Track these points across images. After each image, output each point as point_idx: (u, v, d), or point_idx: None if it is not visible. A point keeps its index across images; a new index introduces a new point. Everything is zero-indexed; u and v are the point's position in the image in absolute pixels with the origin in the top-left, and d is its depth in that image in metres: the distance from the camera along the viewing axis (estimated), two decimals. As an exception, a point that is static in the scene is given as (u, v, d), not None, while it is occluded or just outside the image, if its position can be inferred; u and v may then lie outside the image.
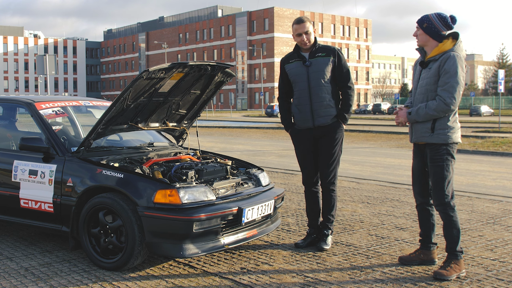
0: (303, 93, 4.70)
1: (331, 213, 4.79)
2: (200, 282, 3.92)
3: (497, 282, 3.91)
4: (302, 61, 4.72)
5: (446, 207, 4.03)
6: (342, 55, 4.75)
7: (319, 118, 4.68)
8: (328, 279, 3.97)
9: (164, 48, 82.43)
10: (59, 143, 4.58)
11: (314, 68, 4.67)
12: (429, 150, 4.09)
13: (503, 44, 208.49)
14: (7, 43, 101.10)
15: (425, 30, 4.06)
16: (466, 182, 9.16)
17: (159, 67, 4.28)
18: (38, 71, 18.80)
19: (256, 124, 35.71)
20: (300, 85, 4.72)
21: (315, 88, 4.66)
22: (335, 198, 4.80)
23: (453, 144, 4.07)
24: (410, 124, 4.20)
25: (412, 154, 4.36)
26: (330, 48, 4.75)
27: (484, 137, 19.93)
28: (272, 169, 10.62)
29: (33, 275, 4.05)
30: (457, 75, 3.93)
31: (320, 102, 4.66)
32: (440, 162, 4.03)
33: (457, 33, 4.07)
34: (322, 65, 4.66)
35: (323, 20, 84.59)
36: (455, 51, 3.99)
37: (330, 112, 4.69)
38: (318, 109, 4.67)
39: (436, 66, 4.00)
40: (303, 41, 4.70)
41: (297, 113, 4.77)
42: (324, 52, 4.70)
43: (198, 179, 4.36)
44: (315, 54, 4.70)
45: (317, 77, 4.66)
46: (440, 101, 3.94)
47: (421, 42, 4.12)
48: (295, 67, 4.75)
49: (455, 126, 4.08)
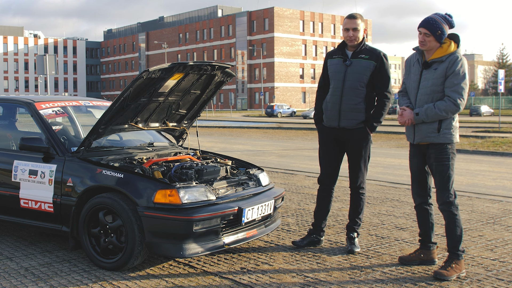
0: (336, 91, 4.61)
1: (358, 216, 4.76)
2: (200, 282, 3.92)
3: (497, 282, 3.91)
4: (343, 59, 4.62)
5: (450, 206, 4.04)
6: (386, 61, 4.60)
7: (345, 120, 4.59)
8: (328, 279, 3.97)
9: (164, 48, 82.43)
10: (59, 143, 4.58)
11: (353, 69, 4.56)
12: (433, 150, 4.08)
13: (503, 44, 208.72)
14: (7, 43, 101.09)
15: (438, 38, 4.02)
16: (466, 182, 9.16)
17: (159, 67, 4.28)
18: (38, 71, 18.80)
19: (256, 124, 35.71)
20: (335, 83, 4.62)
21: (348, 89, 4.55)
22: (363, 202, 4.76)
23: (455, 144, 4.13)
24: (412, 125, 4.18)
25: (409, 154, 4.35)
26: (375, 51, 4.59)
27: (484, 137, 19.93)
28: (272, 169, 10.62)
29: (33, 275, 4.05)
30: (465, 77, 3.99)
31: (350, 104, 4.56)
32: (446, 161, 4.06)
33: (458, 35, 4.08)
34: (362, 68, 4.54)
35: (323, 20, 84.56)
36: (459, 53, 4.04)
37: (357, 116, 4.58)
38: (346, 111, 4.57)
39: (443, 68, 4.00)
40: (349, 36, 4.56)
41: (326, 110, 4.70)
42: (368, 54, 4.56)
43: (198, 179, 4.36)
44: (358, 54, 4.58)
45: (353, 79, 4.55)
46: (450, 102, 3.97)
47: (429, 48, 4.06)
48: (336, 64, 4.65)
49: (457, 126, 4.14)
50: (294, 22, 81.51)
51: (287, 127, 30.06)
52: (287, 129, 27.91)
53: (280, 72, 79.83)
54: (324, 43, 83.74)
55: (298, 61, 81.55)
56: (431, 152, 4.10)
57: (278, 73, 79.59)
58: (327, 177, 4.81)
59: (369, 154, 4.72)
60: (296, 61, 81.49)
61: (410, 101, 4.23)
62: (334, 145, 4.74)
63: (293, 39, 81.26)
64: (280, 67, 79.82)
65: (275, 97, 75.37)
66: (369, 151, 4.71)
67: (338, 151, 4.78)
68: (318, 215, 4.87)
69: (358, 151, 4.66)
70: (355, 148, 4.67)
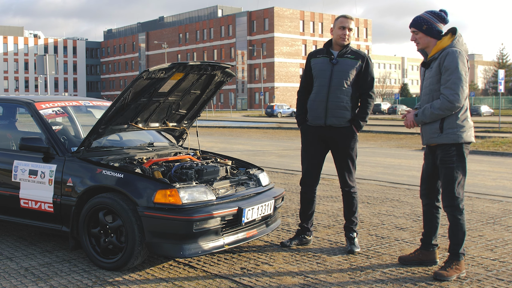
0: (322, 89, 4.63)
1: (354, 215, 4.77)
2: (200, 282, 3.92)
3: (497, 282, 3.91)
4: (329, 58, 4.65)
5: (454, 209, 3.97)
6: (370, 63, 4.68)
7: (332, 118, 4.61)
8: (328, 279, 3.97)
9: (164, 48, 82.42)
10: (59, 143, 4.58)
11: (340, 68, 4.60)
12: (439, 151, 4.01)
13: (502, 44, 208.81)
14: (7, 43, 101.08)
15: (426, 32, 3.99)
16: (466, 182, 9.14)
17: (159, 67, 4.28)
18: (38, 71, 18.80)
19: (256, 124, 35.72)
20: (321, 81, 4.64)
21: (335, 87, 4.59)
22: (356, 201, 4.78)
23: (464, 144, 3.98)
24: (421, 126, 4.13)
25: (423, 155, 4.31)
26: (360, 53, 4.69)
27: (484, 137, 19.92)
28: (272, 169, 10.62)
29: (33, 275, 4.05)
30: (458, 70, 3.83)
31: (336, 102, 4.59)
32: (450, 163, 3.95)
33: (455, 28, 3.99)
34: (348, 67, 4.60)
35: (323, 20, 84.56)
36: (454, 46, 3.91)
37: (344, 114, 4.61)
38: (332, 109, 4.60)
39: (437, 64, 3.94)
40: (344, 34, 4.62)
41: (311, 109, 4.70)
42: (354, 55, 4.64)
43: (198, 179, 4.36)
44: (344, 54, 4.64)
45: (340, 77, 4.59)
46: (443, 99, 3.87)
47: (423, 45, 4.04)
48: (321, 63, 4.68)
49: (465, 124, 3.99)
50: (294, 22, 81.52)
51: (287, 127, 30.05)
52: (287, 129, 27.90)
53: (280, 72, 79.84)
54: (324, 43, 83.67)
55: (298, 61, 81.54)
56: (438, 153, 4.03)
57: (278, 73, 79.60)
58: (310, 178, 4.80)
59: (356, 153, 4.74)
60: (296, 61, 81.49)
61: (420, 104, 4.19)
62: (318, 145, 4.75)
63: (293, 39, 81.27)
64: (280, 67, 79.82)
65: (275, 97, 75.36)
66: (356, 150, 4.74)
67: (322, 152, 4.79)
68: (304, 217, 4.88)
69: (346, 150, 4.68)
70: (342, 147, 4.68)
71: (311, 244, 4.91)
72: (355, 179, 4.82)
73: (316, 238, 5.12)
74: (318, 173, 4.82)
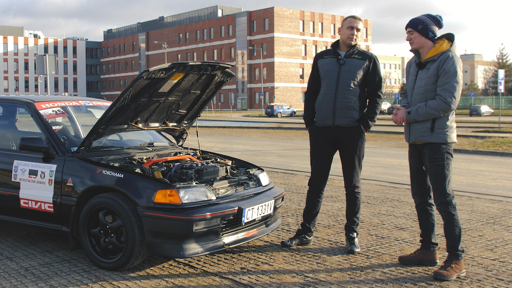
0: (330, 90, 4.63)
1: (356, 215, 4.78)
2: (200, 282, 3.92)
3: (497, 282, 3.91)
4: (336, 59, 4.66)
5: (447, 206, 4.04)
6: (378, 63, 4.70)
7: (340, 118, 4.62)
8: (328, 279, 3.97)
9: (164, 48, 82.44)
10: (59, 143, 4.58)
11: (347, 68, 4.61)
12: (428, 150, 4.10)
13: (502, 44, 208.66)
14: (7, 43, 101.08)
15: (421, 32, 4.09)
16: (466, 182, 9.16)
17: (159, 67, 4.28)
18: (38, 71, 18.80)
19: (256, 124, 35.71)
20: (329, 82, 4.65)
21: (343, 87, 4.60)
22: (359, 201, 4.79)
23: (451, 144, 4.11)
24: (407, 124, 4.21)
25: (408, 154, 4.36)
26: (367, 53, 4.70)
27: (484, 137, 19.93)
28: (272, 169, 10.62)
29: (33, 275, 4.05)
30: (456, 75, 3.98)
31: (344, 102, 4.60)
32: (440, 161, 4.05)
33: (452, 34, 4.12)
34: (356, 67, 4.61)
35: (323, 20, 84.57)
36: (452, 51, 4.04)
37: (352, 114, 4.62)
38: (340, 109, 4.61)
39: (435, 67, 4.03)
40: (352, 34, 4.64)
41: (320, 109, 4.71)
42: (361, 55, 4.65)
43: (198, 179, 4.36)
44: (351, 55, 4.65)
45: (347, 77, 4.60)
46: (440, 100, 3.97)
47: (417, 45, 4.13)
48: (328, 63, 4.69)
49: (453, 126, 4.13)
50: (294, 22, 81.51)
51: (287, 127, 30.06)
52: (287, 129, 27.91)
53: (280, 72, 79.82)
54: (324, 43, 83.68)
55: (298, 61, 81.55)
56: (426, 152, 4.12)
57: (278, 73, 79.58)
58: (319, 178, 4.82)
59: (363, 153, 4.75)
60: (296, 61, 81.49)
61: (408, 102, 4.27)
62: (327, 146, 4.75)
63: (293, 39, 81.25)
64: (280, 67, 79.81)
65: (275, 97, 75.33)
66: (363, 150, 4.74)
67: (330, 153, 4.79)
68: (307, 216, 4.89)
69: (353, 150, 4.69)
70: (350, 147, 4.69)
71: (311, 244, 4.92)
72: (360, 179, 4.82)
73: (316, 238, 5.13)
74: (326, 174, 4.82)
